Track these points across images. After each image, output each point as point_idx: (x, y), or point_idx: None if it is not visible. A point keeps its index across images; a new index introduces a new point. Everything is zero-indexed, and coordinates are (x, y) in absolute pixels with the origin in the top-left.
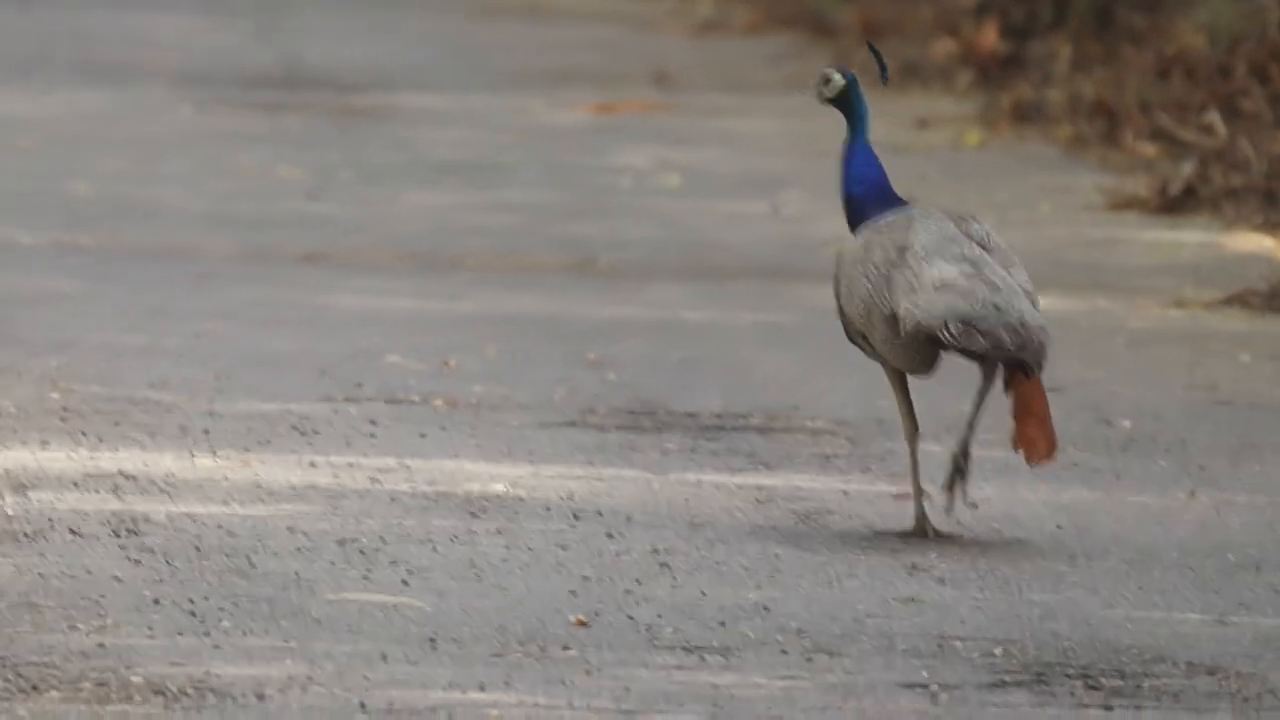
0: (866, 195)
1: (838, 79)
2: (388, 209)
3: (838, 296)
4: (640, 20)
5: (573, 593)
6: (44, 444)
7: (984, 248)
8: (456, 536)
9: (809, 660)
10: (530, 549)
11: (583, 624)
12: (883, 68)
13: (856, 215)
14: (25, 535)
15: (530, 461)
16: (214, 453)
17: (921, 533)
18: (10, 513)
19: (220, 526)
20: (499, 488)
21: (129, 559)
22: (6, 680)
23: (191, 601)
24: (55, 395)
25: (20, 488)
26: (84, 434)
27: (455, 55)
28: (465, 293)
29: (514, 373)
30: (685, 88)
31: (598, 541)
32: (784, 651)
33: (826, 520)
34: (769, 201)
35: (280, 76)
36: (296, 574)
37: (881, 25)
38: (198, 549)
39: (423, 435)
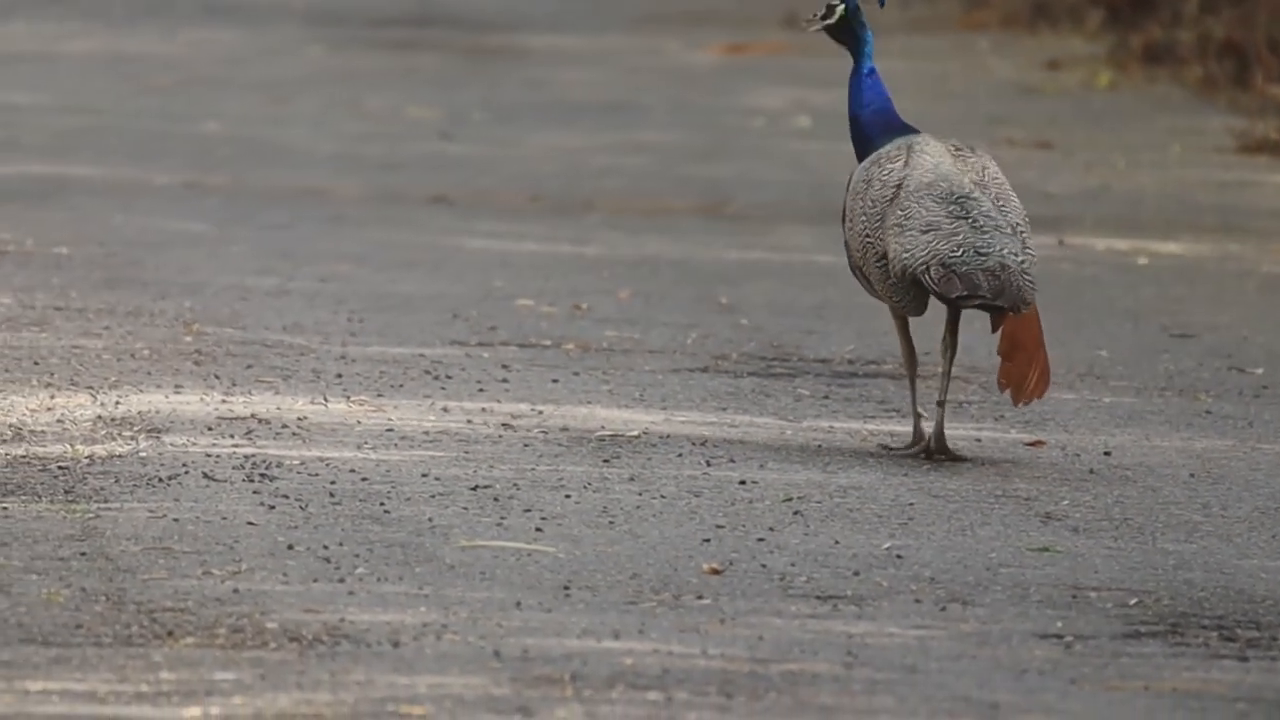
0: (873, 121)
1: (840, 7)
2: (519, 150)
3: (844, 226)
4: None
5: (706, 540)
6: (177, 388)
7: (979, 181)
8: (589, 483)
9: (942, 609)
10: (663, 496)
11: (716, 572)
12: None
13: (863, 142)
14: (159, 480)
15: (663, 407)
16: (347, 397)
17: (922, 446)
18: (144, 457)
19: (354, 471)
20: (632, 434)
21: (263, 504)
22: (141, 625)
23: (326, 547)
24: (188, 338)
25: (154, 432)
26: (217, 377)
27: None
28: (596, 235)
29: (646, 317)
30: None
31: (731, 489)
32: (917, 600)
33: (959, 467)
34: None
35: (411, 16)
36: (430, 520)
37: None
38: (331, 494)
39: (555, 380)
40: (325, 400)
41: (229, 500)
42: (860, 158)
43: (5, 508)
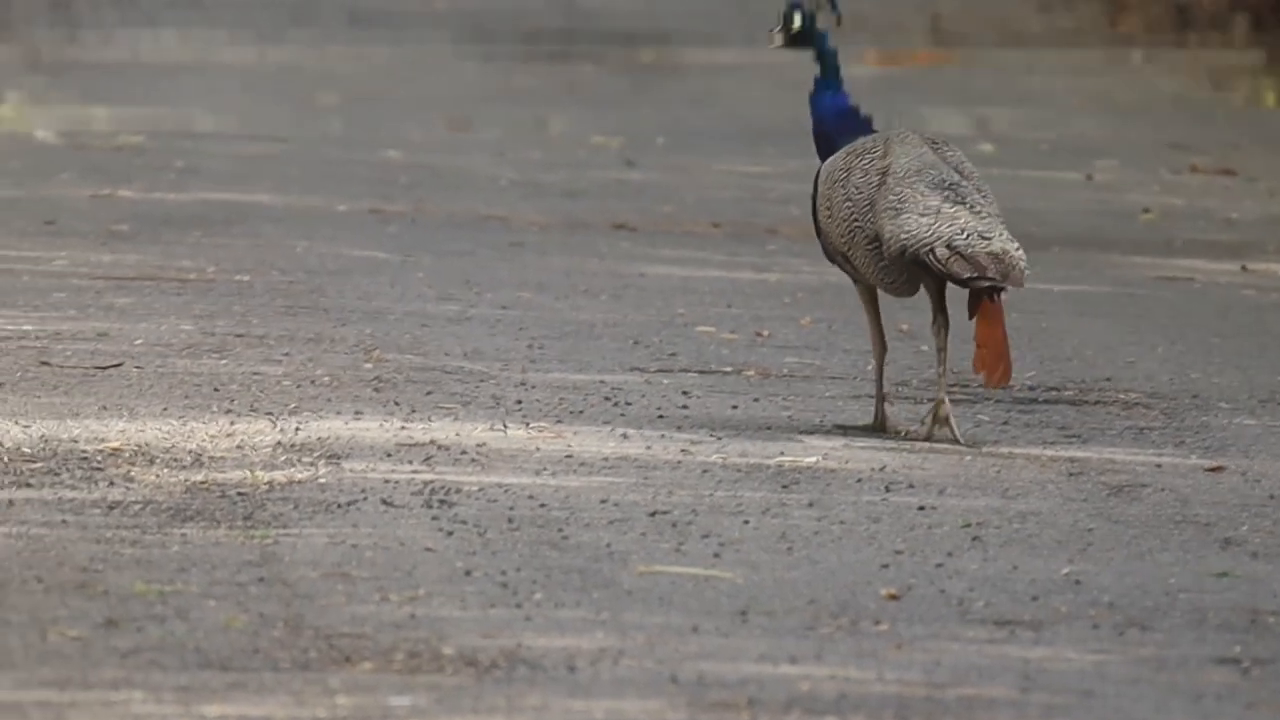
0: (838, 127)
1: (797, 18)
2: (700, 177)
3: (815, 216)
4: None
5: (884, 566)
6: (357, 414)
7: (960, 173)
8: (768, 508)
9: (1120, 634)
10: (842, 521)
11: (894, 597)
12: (833, 5)
13: (827, 144)
14: (338, 505)
15: (842, 433)
16: (526, 423)
17: (881, 429)
18: (323, 483)
19: (532, 497)
20: (811, 459)
21: (441, 530)
22: (319, 650)
23: (503, 573)
24: (368, 365)
25: (333, 458)
26: (397, 403)
27: (733, 9)
28: (778, 262)
29: (827, 343)
30: (964, 40)
31: (909, 514)
32: (1095, 625)
33: (1139, 493)
34: (1083, 170)
35: (558, 27)
36: (608, 545)
37: None
38: (510, 520)
39: (735, 406)
40: (505, 426)
41: (407, 526)
42: (823, 157)
43: (184, 533)
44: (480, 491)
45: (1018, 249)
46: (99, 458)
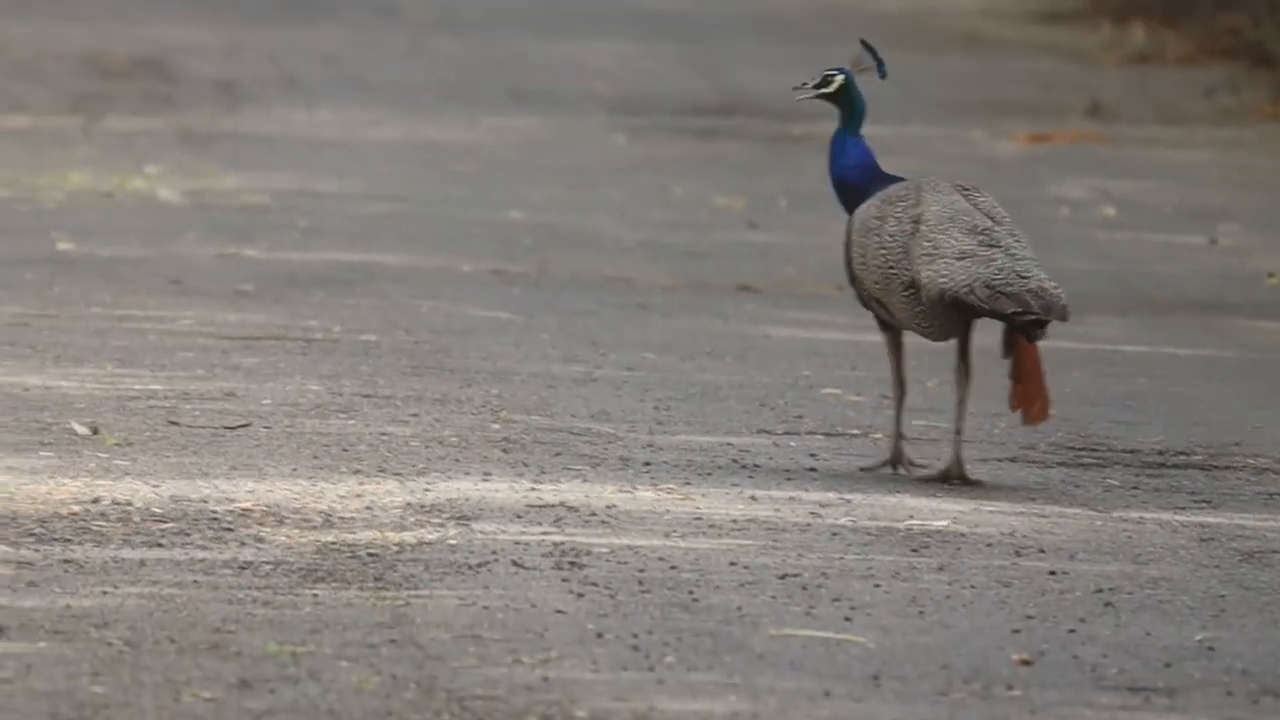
0: (859, 179)
1: (839, 78)
2: (823, 238)
3: (849, 264)
4: (1075, 51)
5: (1016, 631)
6: (486, 475)
7: (991, 219)
8: (899, 572)
9: (1255, 702)
10: (973, 586)
11: (1026, 663)
12: (880, 63)
13: (850, 197)
14: (468, 567)
15: (972, 497)
16: (655, 485)
17: (898, 461)
18: (453, 544)
19: (662, 559)
20: (941, 523)
21: (572, 592)
22: (452, 713)
23: (635, 635)
24: (496, 426)
25: (463, 519)
26: (525, 465)
27: (889, 84)
28: None
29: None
30: (1120, 118)
31: (1041, 579)
32: (1229, 693)
33: (1272, 559)
34: (1206, 234)
35: (713, 104)
36: (739, 608)
37: None
38: (640, 582)
39: (863, 469)
40: (633, 488)
41: (538, 588)
42: (850, 209)
43: (316, 594)
44: (610, 553)
45: (1056, 287)
46: (229, 518)
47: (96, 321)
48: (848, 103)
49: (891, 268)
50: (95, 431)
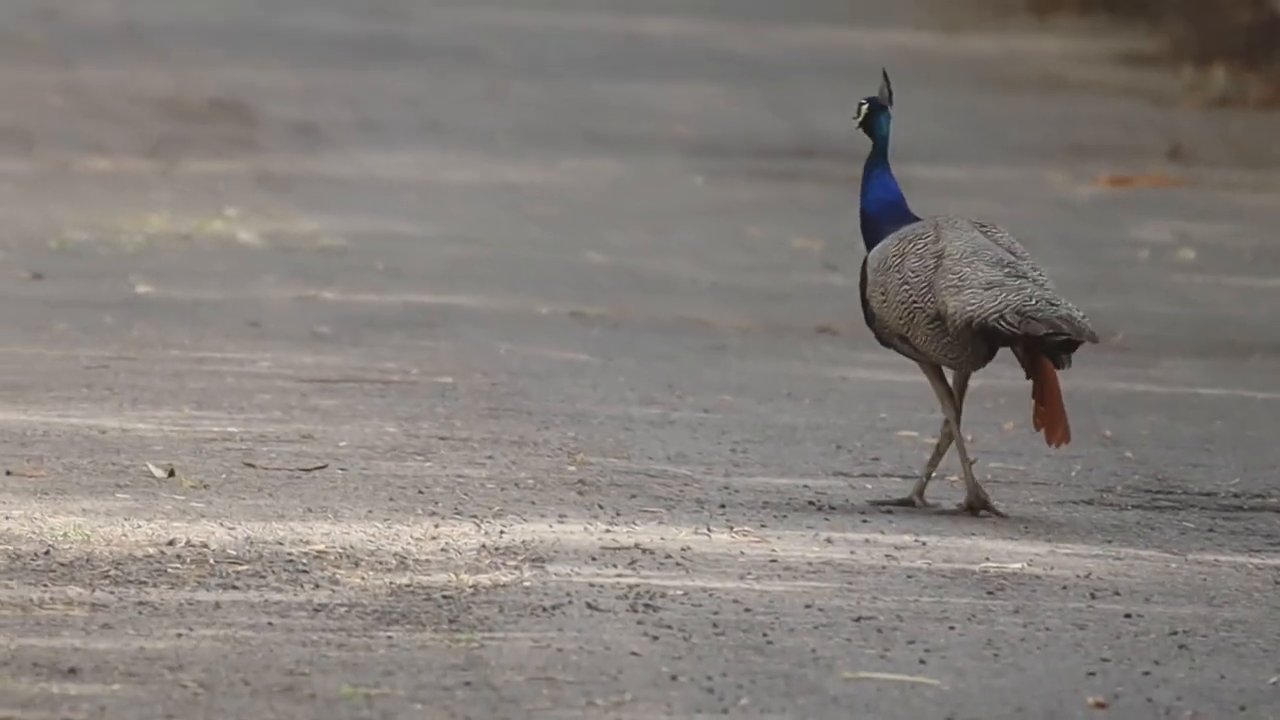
0: (883, 214)
1: (864, 106)
2: None
3: (866, 302)
4: (1155, 93)
5: (1091, 673)
6: (561, 517)
7: (1013, 253)
8: (974, 615)
9: None
10: (1048, 628)
11: (1101, 705)
12: (890, 94)
13: (873, 232)
14: (543, 609)
15: (1047, 539)
16: (730, 527)
17: (981, 503)
18: (528, 586)
19: (737, 602)
20: (1016, 566)
21: (646, 634)
22: None
23: (709, 678)
24: (572, 468)
25: (538, 561)
26: (601, 507)
27: (968, 127)
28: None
29: (1030, 449)
30: (1200, 161)
31: (1116, 622)
32: None
33: None
34: None
35: (791, 146)
36: (813, 651)
37: None
38: (715, 625)
39: (939, 512)
40: (709, 530)
41: (612, 630)
42: (870, 245)
43: (390, 636)
44: (685, 595)
45: (1083, 315)
46: (304, 560)
47: (174, 364)
48: (873, 132)
49: (916, 302)
50: (171, 474)
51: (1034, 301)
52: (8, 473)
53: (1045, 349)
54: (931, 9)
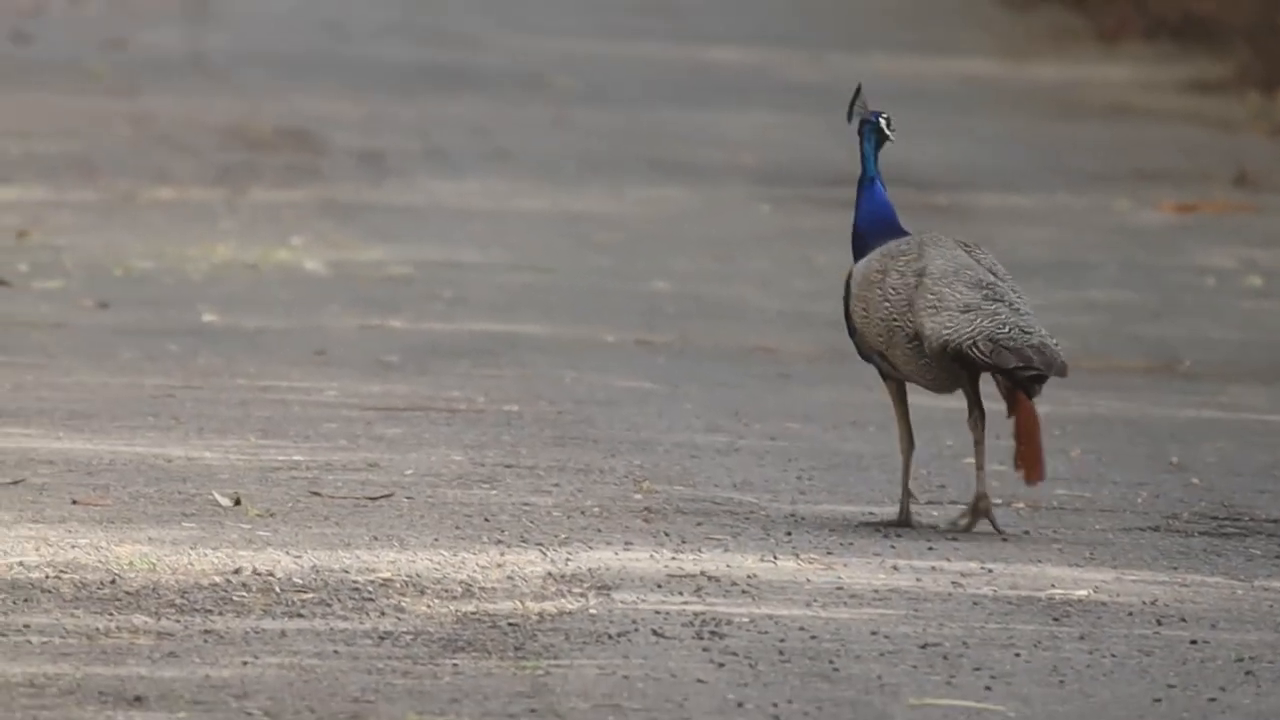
0: (871, 229)
1: (855, 123)
2: None
3: (849, 317)
4: (1220, 120)
5: (1157, 700)
6: (627, 545)
7: (994, 274)
8: (1039, 642)
9: None
10: (1114, 655)
11: None
12: (852, 105)
13: (861, 248)
14: (609, 636)
15: (1113, 566)
16: (796, 554)
17: (905, 523)
18: (594, 613)
19: (803, 629)
20: (1082, 592)
21: (712, 661)
22: None
23: (775, 705)
24: (638, 496)
25: (603, 589)
26: (667, 534)
27: (1034, 154)
28: (1045, 393)
29: (1097, 475)
30: (1266, 188)
31: (1181, 648)
32: None
33: None
34: None
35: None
36: (879, 678)
37: None
38: (780, 652)
39: (1004, 539)
40: (775, 558)
41: (678, 658)
42: (858, 258)
43: (456, 664)
44: (751, 623)
45: (1056, 343)
46: (370, 588)
47: (240, 392)
48: (862, 148)
49: (895, 319)
50: (237, 502)
51: (1007, 329)
52: (74, 501)
53: (1015, 381)
54: (997, 37)
